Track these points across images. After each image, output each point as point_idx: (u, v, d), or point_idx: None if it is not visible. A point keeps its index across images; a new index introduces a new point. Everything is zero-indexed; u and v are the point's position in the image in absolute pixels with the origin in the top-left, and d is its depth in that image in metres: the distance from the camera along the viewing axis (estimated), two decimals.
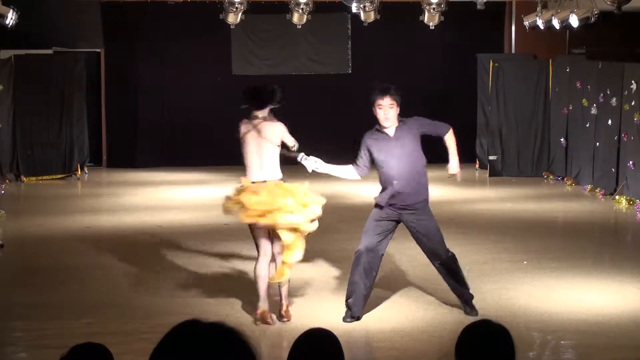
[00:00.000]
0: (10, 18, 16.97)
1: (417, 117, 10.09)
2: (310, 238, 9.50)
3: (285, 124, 9.83)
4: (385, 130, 9.65)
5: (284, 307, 9.69)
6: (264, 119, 9.79)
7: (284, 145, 9.89)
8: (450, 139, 10.35)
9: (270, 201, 9.42)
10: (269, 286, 9.68)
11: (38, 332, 9.39)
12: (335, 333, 4.47)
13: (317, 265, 12.15)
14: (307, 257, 12.34)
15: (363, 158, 9.79)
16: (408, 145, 9.68)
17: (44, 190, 18.81)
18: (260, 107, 9.80)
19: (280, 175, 9.73)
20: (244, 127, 9.79)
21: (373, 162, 9.76)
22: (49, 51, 20.86)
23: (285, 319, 9.68)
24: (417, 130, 9.82)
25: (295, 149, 9.88)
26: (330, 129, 21.31)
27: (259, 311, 9.61)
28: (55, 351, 4.14)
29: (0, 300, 10.69)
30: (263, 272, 9.70)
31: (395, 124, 9.68)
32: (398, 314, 9.92)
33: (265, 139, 9.66)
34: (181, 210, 16.24)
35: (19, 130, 19.66)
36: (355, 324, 9.35)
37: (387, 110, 9.58)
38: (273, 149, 9.72)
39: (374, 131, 9.73)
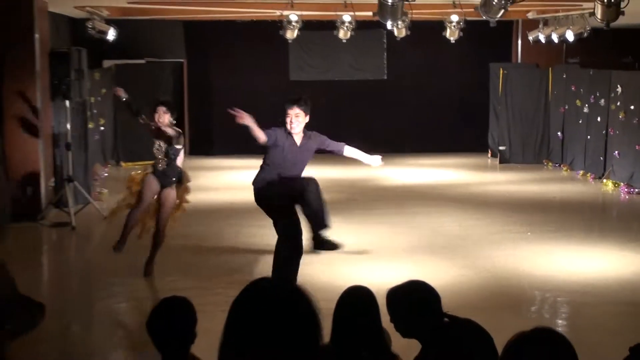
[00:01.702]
0: (111, 34, 17.12)
1: (319, 134, 9.15)
2: (346, 212, 9.47)
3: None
4: (294, 136, 8.81)
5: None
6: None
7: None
8: (351, 149, 9.34)
9: None
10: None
11: (133, 287, 9.50)
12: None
13: (354, 236, 12.16)
14: (345, 229, 12.36)
15: (270, 134, 8.77)
16: (307, 156, 8.97)
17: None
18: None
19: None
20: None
21: (268, 144, 8.80)
22: (142, 61, 20.99)
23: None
24: (316, 146, 9.04)
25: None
26: (368, 125, 21.29)
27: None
28: (146, 302, 4.17)
29: (104, 261, 10.81)
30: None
31: (301, 134, 8.85)
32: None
33: None
34: (249, 190, 16.25)
35: (118, 125, 19.84)
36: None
37: (293, 119, 8.77)
38: None
39: (286, 132, 8.81)
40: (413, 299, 4.30)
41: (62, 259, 11.66)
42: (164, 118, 9.92)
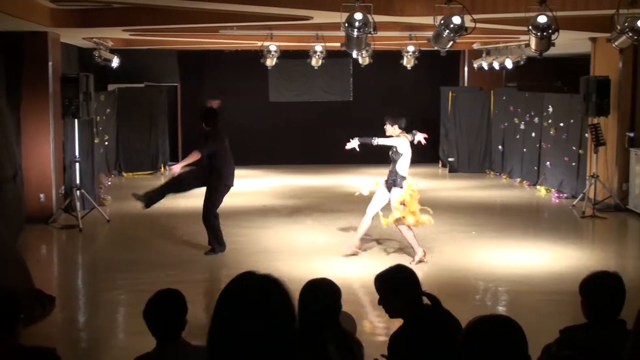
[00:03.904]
0: (115, 62, 17.05)
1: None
2: (304, 215, 9.47)
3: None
4: None
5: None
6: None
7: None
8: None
9: None
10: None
11: (134, 281, 9.42)
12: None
13: (320, 236, 12.11)
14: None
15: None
16: None
17: (138, 182, 18.78)
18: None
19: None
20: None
21: None
22: (142, 85, 20.89)
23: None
24: None
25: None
26: (336, 139, 21.26)
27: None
28: (146, 294, 4.14)
29: (108, 258, 10.74)
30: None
31: None
32: None
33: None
34: (231, 195, 16.17)
35: (120, 140, 19.71)
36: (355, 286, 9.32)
37: None
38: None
39: None
40: (396, 281, 4.29)
41: (71, 256, 11.55)
42: (386, 129, 10.38)
